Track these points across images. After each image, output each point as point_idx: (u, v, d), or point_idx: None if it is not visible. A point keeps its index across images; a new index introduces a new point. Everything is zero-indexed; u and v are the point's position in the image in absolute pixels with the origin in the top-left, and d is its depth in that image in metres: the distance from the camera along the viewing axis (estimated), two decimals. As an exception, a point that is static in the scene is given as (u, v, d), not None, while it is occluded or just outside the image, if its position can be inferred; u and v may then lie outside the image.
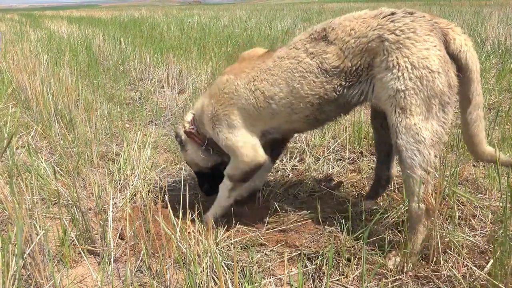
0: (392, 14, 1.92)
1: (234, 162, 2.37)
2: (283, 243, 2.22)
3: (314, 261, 2.01)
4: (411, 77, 1.81)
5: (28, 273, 1.85)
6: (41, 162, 2.87)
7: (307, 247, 2.15)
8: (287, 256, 2.04)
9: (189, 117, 2.60)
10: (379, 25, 1.91)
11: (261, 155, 2.31)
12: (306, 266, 1.99)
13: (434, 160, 1.86)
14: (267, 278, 1.92)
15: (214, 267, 1.84)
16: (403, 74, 1.82)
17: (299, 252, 2.10)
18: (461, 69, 1.86)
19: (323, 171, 3.02)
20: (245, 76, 2.25)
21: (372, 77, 1.96)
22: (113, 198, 2.53)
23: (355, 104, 2.10)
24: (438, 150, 1.87)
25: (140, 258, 2.05)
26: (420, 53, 1.81)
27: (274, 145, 2.55)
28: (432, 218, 1.88)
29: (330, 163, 3.12)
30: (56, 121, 3.77)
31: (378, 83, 1.93)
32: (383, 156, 2.40)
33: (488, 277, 1.72)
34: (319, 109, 2.13)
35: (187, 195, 2.02)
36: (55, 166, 2.94)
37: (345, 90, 2.03)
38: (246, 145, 2.29)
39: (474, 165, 2.90)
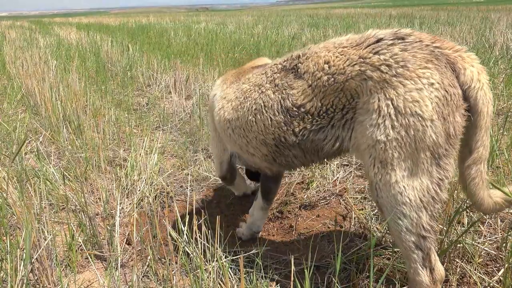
0: (378, 41, 1.53)
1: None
2: (290, 250, 2.21)
3: (322, 269, 2.00)
4: (394, 126, 1.44)
5: (36, 277, 1.86)
6: (50, 167, 2.89)
7: (314, 255, 2.14)
8: (294, 264, 2.03)
9: None
10: (361, 58, 1.52)
11: (224, 172, 2.39)
12: (314, 274, 1.97)
13: (429, 222, 1.50)
14: (274, 285, 1.91)
15: (221, 273, 1.84)
16: (384, 121, 1.46)
17: (306, 260, 2.09)
18: (469, 110, 1.46)
19: (328, 176, 3.01)
20: (226, 87, 2.14)
21: (351, 120, 1.59)
22: (120, 203, 2.54)
23: (331, 153, 1.74)
24: (433, 210, 1.49)
25: (147, 263, 2.05)
26: (409, 95, 1.42)
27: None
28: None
29: (336, 168, 3.11)
30: (64, 127, 3.80)
31: (358, 128, 1.57)
32: None
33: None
34: (277, 151, 1.85)
35: (194, 201, 2.02)
36: (63, 171, 2.96)
37: (311, 134, 1.70)
38: (217, 160, 2.41)
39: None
